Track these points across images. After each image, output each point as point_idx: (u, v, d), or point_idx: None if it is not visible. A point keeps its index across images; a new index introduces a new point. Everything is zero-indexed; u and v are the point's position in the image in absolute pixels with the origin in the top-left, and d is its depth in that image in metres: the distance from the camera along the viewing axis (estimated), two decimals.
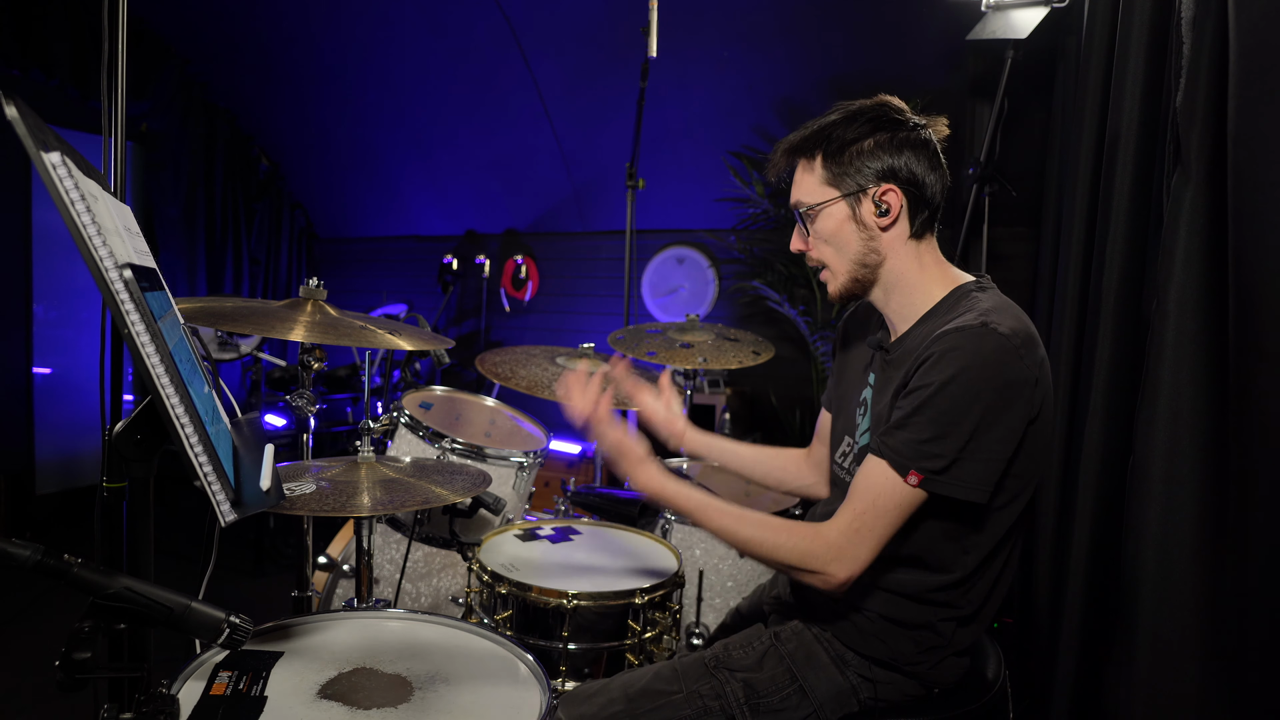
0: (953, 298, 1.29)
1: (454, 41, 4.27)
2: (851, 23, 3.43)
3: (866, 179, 1.26)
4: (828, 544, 1.19)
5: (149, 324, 0.74)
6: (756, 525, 1.26)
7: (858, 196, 1.27)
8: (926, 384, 1.17)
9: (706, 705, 1.28)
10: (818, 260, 1.35)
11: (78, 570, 0.74)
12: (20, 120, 0.67)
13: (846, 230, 1.29)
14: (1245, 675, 1.27)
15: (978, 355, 1.14)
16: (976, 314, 1.20)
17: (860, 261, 1.30)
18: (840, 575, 1.18)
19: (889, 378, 1.31)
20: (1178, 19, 1.39)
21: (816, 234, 1.32)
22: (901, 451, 1.16)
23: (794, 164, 1.34)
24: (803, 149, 1.31)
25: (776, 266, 3.90)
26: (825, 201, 1.29)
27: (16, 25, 3.91)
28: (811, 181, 1.31)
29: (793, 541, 1.22)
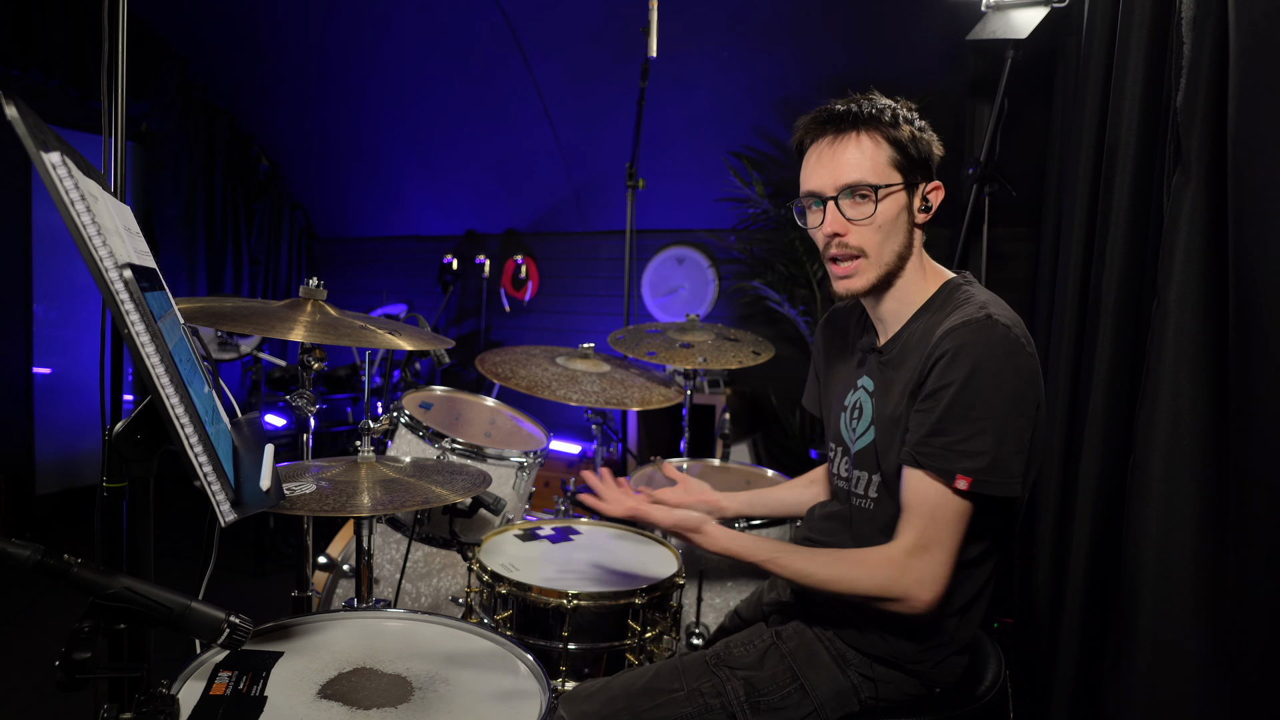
0: (943, 293, 1.30)
1: (454, 41, 4.27)
2: (851, 23, 3.43)
3: (925, 173, 1.26)
4: (902, 569, 1.17)
5: (149, 324, 0.74)
6: (829, 562, 1.23)
7: (916, 188, 1.26)
8: (947, 383, 1.16)
9: (707, 703, 1.28)
10: (858, 247, 1.26)
11: (78, 570, 0.74)
12: (20, 120, 0.67)
13: (901, 220, 1.26)
14: (1245, 675, 1.27)
15: (990, 347, 1.15)
16: (975, 306, 1.21)
17: (900, 254, 1.27)
18: (925, 597, 1.16)
19: (889, 379, 1.31)
20: (1178, 19, 1.39)
21: (873, 218, 1.23)
22: (942, 458, 1.15)
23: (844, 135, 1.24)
24: (876, 122, 1.23)
25: (776, 266, 3.90)
26: (890, 185, 1.23)
27: (16, 25, 3.91)
28: (879, 158, 1.23)
29: (869, 573, 1.19)
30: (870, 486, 1.34)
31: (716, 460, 2.57)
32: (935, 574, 1.16)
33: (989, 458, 1.14)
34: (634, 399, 2.21)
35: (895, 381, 1.30)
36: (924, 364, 1.21)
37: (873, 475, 1.33)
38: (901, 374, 1.29)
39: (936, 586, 1.17)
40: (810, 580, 1.23)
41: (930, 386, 1.18)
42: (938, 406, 1.16)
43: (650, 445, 4.00)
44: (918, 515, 1.18)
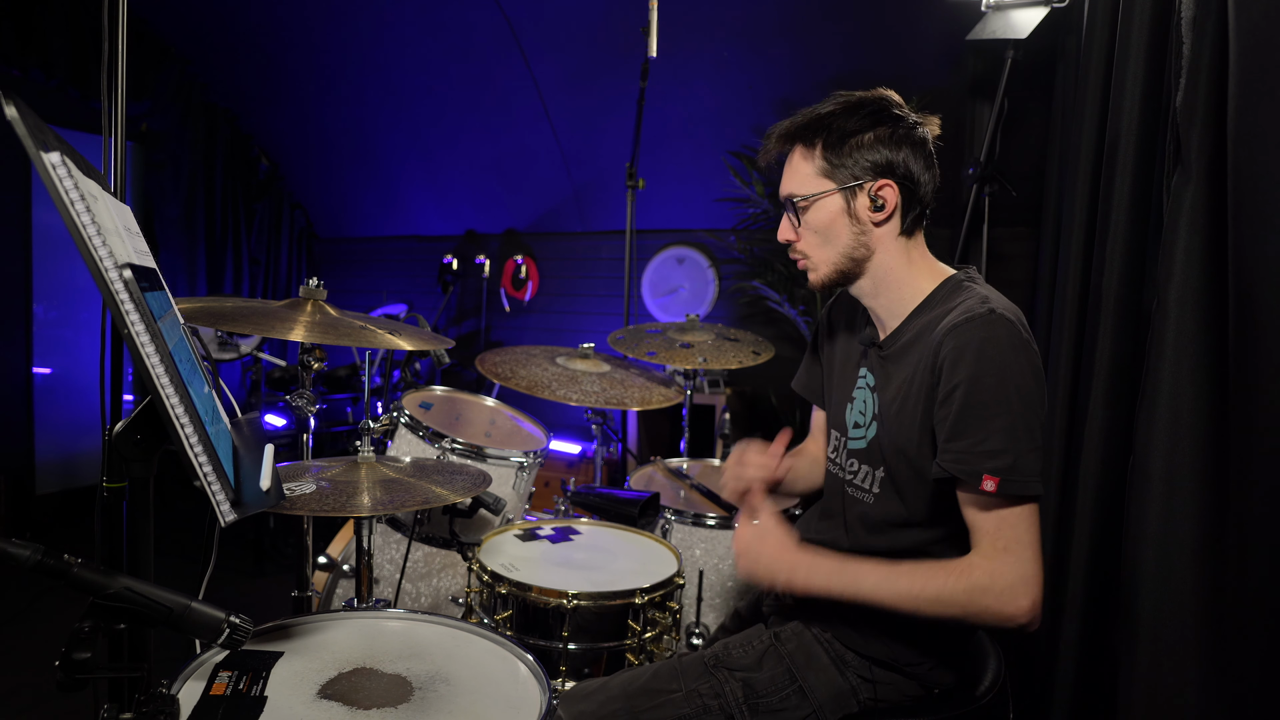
0: (945, 289, 1.29)
1: (454, 41, 4.27)
2: (851, 23, 3.43)
3: (864, 172, 1.24)
4: (991, 574, 1.12)
5: (149, 324, 0.74)
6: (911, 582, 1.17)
7: (854, 190, 1.25)
8: (955, 383, 1.15)
9: (705, 704, 1.27)
10: (801, 251, 1.33)
11: (78, 570, 0.74)
12: (20, 120, 0.67)
13: (839, 224, 1.27)
14: (1246, 675, 1.27)
15: (994, 343, 1.14)
16: (978, 300, 1.20)
17: (848, 255, 1.29)
18: (1023, 603, 1.11)
19: (889, 374, 1.30)
20: (1178, 19, 1.38)
21: (807, 225, 1.29)
22: (963, 461, 1.13)
23: (787, 151, 1.31)
24: (800, 136, 1.28)
25: (776, 266, 3.90)
26: (820, 193, 1.27)
27: (16, 25, 3.91)
28: (807, 171, 1.28)
29: (952, 583, 1.13)
30: (874, 482, 1.33)
31: (716, 460, 2.57)
32: (1025, 573, 1.12)
33: (1012, 455, 1.12)
34: (634, 399, 2.22)
35: (894, 376, 1.29)
36: (932, 363, 1.19)
37: (875, 470, 1.32)
38: (902, 369, 1.28)
39: (1029, 587, 1.11)
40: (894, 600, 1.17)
41: (942, 390, 1.17)
42: (952, 409, 1.15)
43: (650, 445, 4.00)
44: (982, 521, 1.15)
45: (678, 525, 2.08)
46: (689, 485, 2.37)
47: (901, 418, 1.25)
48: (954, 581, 1.14)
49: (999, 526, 1.14)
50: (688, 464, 2.51)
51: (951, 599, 1.13)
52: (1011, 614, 1.12)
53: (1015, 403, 1.13)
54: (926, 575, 1.16)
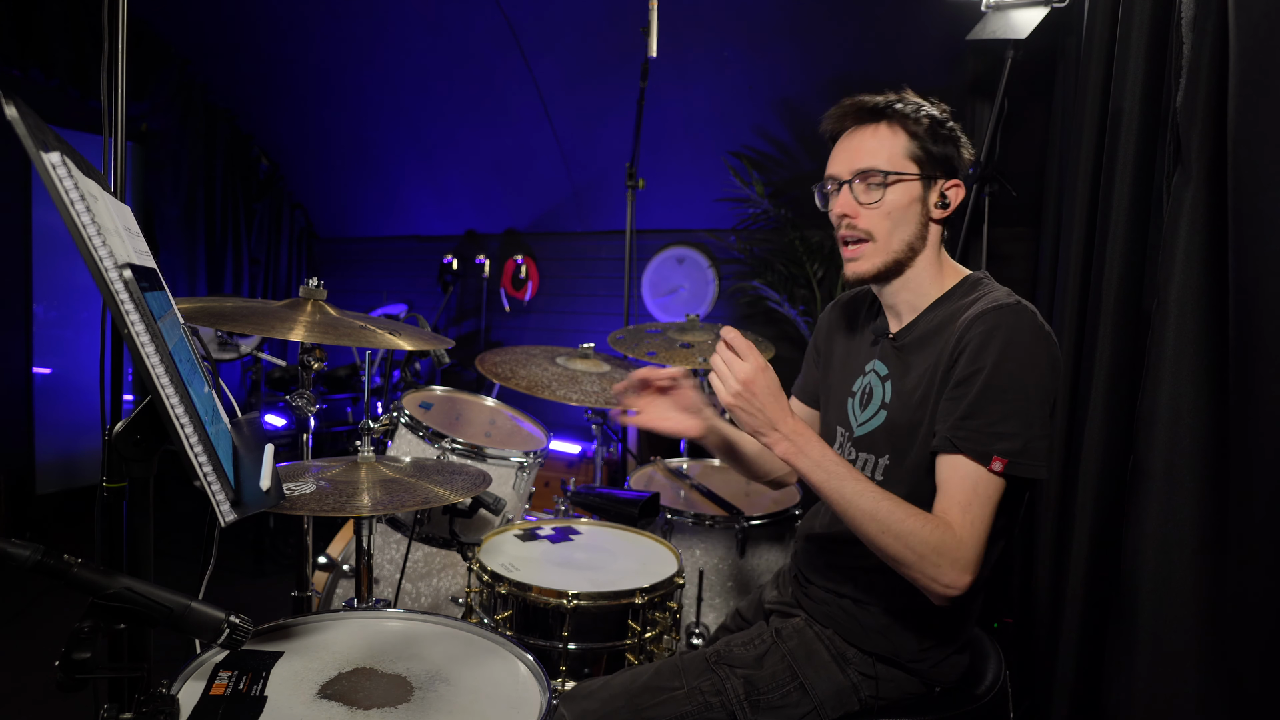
0: (965, 285, 1.32)
1: (453, 41, 4.27)
2: (851, 23, 3.43)
3: (946, 168, 1.29)
4: (958, 541, 1.12)
5: (149, 324, 0.74)
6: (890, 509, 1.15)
7: (933, 181, 1.29)
8: (980, 366, 1.16)
9: (707, 701, 1.28)
10: (865, 230, 1.29)
11: (78, 570, 0.74)
12: (20, 120, 0.67)
13: (913, 211, 1.29)
14: (1245, 676, 1.26)
15: (1021, 331, 1.17)
16: (1004, 293, 1.24)
17: (909, 244, 1.31)
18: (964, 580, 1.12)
19: (906, 363, 1.32)
20: (1178, 19, 1.38)
21: (881, 204, 1.28)
22: (975, 439, 1.15)
23: (864, 125, 1.31)
24: (898, 115, 1.29)
25: (776, 266, 3.90)
26: (903, 174, 1.28)
27: (16, 25, 3.91)
28: (896, 148, 1.28)
29: (926, 531, 1.12)
30: (876, 470, 1.33)
31: (716, 460, 2.57)
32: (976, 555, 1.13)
33: (1022, 440, 1.14)
34: None
35: (914, 366, 1.31)
36: (953, 347, 1.21)
37: (879, 458, 1.33)
38: (922, 358, 1.29)
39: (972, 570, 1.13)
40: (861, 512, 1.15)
41: (962, 370, 1.19)
42: (971, 390, 1.17)
43: (650, 445, 4.00)
44: (959, 492, 1.15)
45: (678, 525, 2.08)
46: (689, 485, 2.37)
47: (925, 405, 1.26)
48: (928, 530, 1.13)
49: (973, 500, 1.15)
50: (688, 464, 2.51)
51: (918, 543, 1.12)
52: (949, 583, 1.12)
53: (1032, 391, 1.16)
54: (905, 511, 1.14)
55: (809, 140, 3.75)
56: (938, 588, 1.13)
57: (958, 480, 1.17)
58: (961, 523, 1.14)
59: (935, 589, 1.14)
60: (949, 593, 1.13)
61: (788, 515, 2.12)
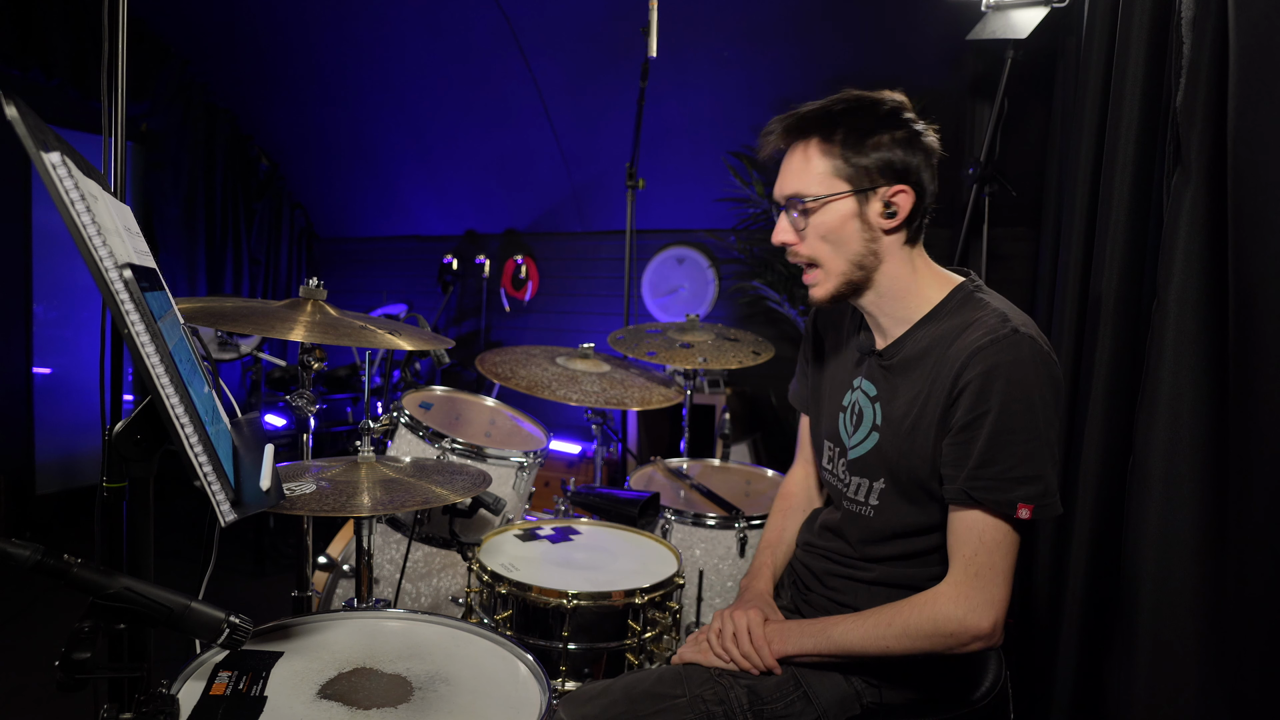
0: (954, 300, 1.26)
1: (453, 41, 4.27)
2: (851, 23, 3.43)
3: (881, 176, 1.19)
4: (952, 600, 1.15)
5: (149, 324, 0.74)
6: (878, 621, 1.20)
7: (868, 194, 1.20)
8: (985, 410, 1.13)
9: (710, 710, 1.26)
10: (809, 257, 1.26)
11: (78, 570, 0.74)
12: (20, 120, 0.67)
13: (849, 228, 1.21)
14: (1245, 675, 1.26)
15: (1022, 366, 1.12)
16: (998, 318, 1.17)
17: (858, 263, 1.24)
18: (985, 623, 1.14)
19: (894, 385, 1.28)
20: (1178, 19, 1.38)
21: (813, 228, 1.22)
22: (995, 489, 1.13)
23: (792, 145, 1.24)
24: (811, 130, 1.21)
25: (776, 266, 3.90)
26: (832, 194, 1.20)
27: (16, 25, 3.91)
28: (819, 169, 1.20)
29: (920, 613, 1.17)
30: (871, 494, 1.32)
31: (716, 460, 2.57)
32: (993, 597, 1.14)
33: (1043, 483, 1.12)
34: (634, 399, 2.21)
35: (901, 390, 1.27)
36: (951, 385, 1.17)
37: (875, 483, 1.31)
38: (910, 382, 1.26)
39: (994, 610, 1.14)
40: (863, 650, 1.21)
41: (965, 415, 1.15)
42: (979, 436, 1.13)
43: (650, 445, 4.00)
44: (966, 545, 1.16)
45: (678, 525, 2.08)
46: (689, 485, 2.37)
47: (915, 436, 1.23)
48: (918, 613, 1.17)
49: (976, 551, 1.15)
50: (688, 464, 2.51)
51: (917, 630, 1.16)
52: (974, 635, 1.15)
53: (1041, 425, 1.13)
54: (892, 610, 1.19)
55: None
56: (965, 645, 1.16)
57: (964, 532, 1.17)
58: (963, 578, 1.16)
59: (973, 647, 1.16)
60: (980, 644, 1.15)
61: None
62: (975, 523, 1.16)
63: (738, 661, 1.29)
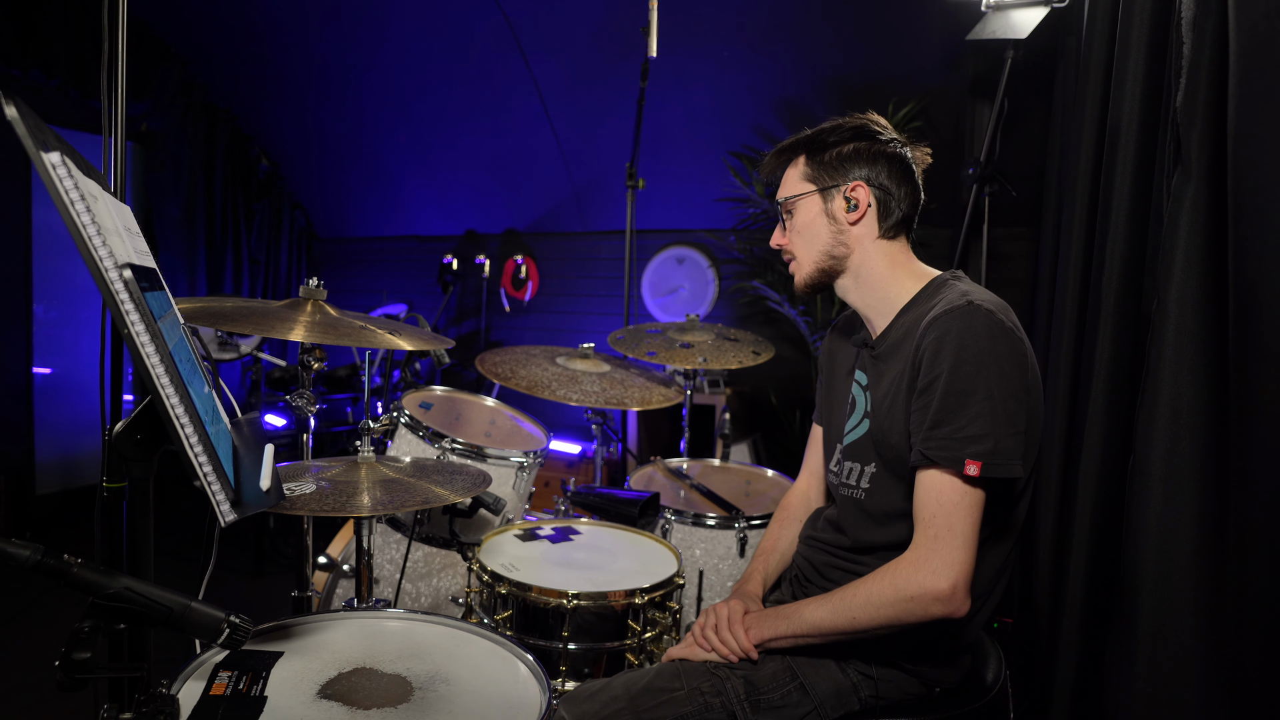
0: (930, 288, 1.34)
1: (454, 41, 4.27)
2: (851, 23, 3.43)
3: (840, 176, 1.36)
4: (912, 563, 1.18)
5: (149, 324, 0.74)
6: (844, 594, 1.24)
7: (830, 192, 1.37)
8: (936, 374, 1.19)
9: (708, 702, 1.28)
10: (789, 251, 1.44)
11: (78, 570, 0.74)
12: (20, 120, 0.67)
13: (819, 223, 1.38)
14: (1245, 675, 1.26)
15: (971, 332, 1.18)
16: (957, 293, 1.26)
17: (827, 253, 1.38)
18: (943, 584, 1.15)
19: (880, 371, 1.35)
20: (1178, 19, 1.38)
21: (793, 227, 1.41)
22: (946, 447, 1.17)
23: (783, 164, 1.45)
24: (792, 149, 1.43)
25: (776, 266, 3.90)
26: (802, 194, 1.39)
27: (16, 25, 3.91)
28: (794, 177, 1.41)
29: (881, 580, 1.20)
30: (862, 477, 1.36)
31: (716, 460, 2.57)
32: (951, 559, 1.15)
33: (992, 440, 1.15)
34: (634, 399, 2.22)
35: (884, 374, 1.34)
36: (913, 356, 1.24)
37: (865, 466, 1.35)
38: (890, 366, 1.32)
39: (953, 571, 1.15)
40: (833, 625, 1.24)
41: (922, 380, 1.22)
42: (933, 399, 1.19)
43: (650, 445, 4.00)
44: (924, 508, 1.19)
45: (678, 525, 2.08)
46: (689, 485, 2.37)
47: (893, 413, 1.29)
48: (880, 580, 1.21)
49: (937, 512, 1.18)
50: (688, 464, 2.51)
51: (880, 597, 1.19)
52: (933, 597, 1.15)
53: (994, 388, 1.16)
54: (858, 583, 1.23)
55: None
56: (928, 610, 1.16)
57: (924, 494, 1.20)
58: (922, 540, 1.18)
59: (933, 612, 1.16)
60: (941, 607, 1.16)
61: None
62: (933, 484, 1.19)
63: (717, 649, 1.33)
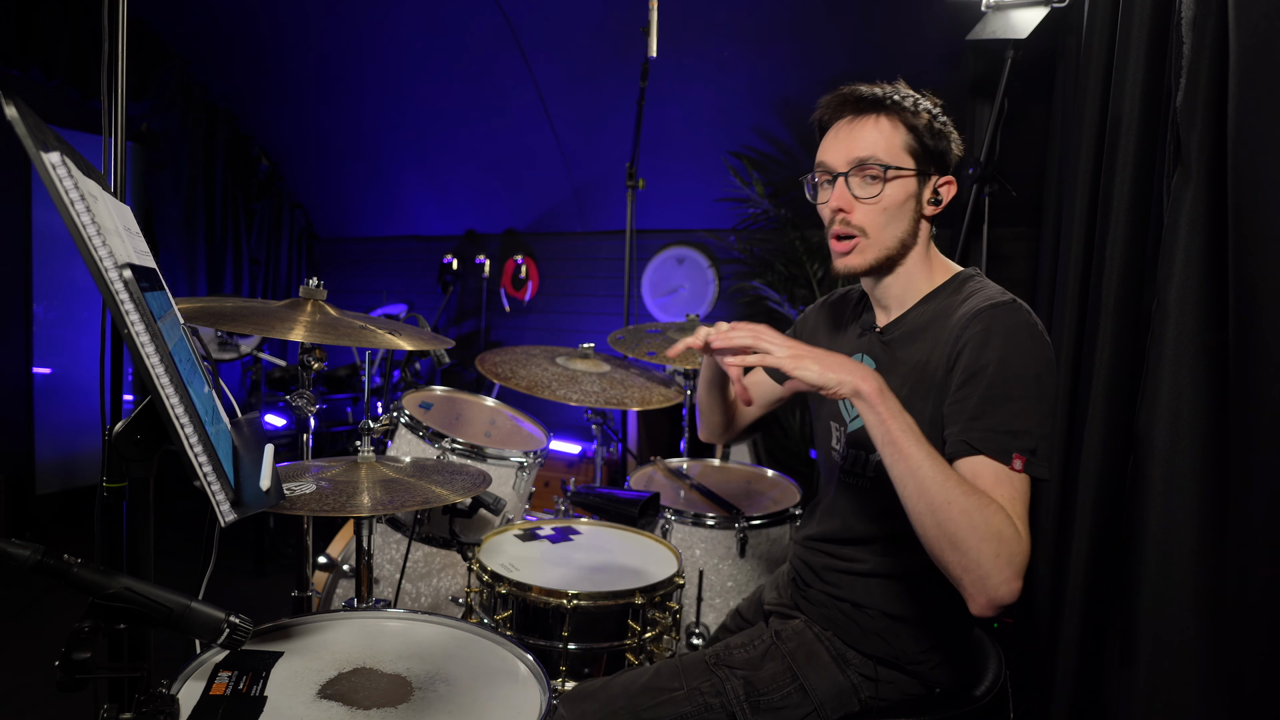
0: (955, 282, 1.32)
1: (453, 41, 4.27)
2: (851, 22, 3.43)
3: (942, 164, 1.30)
4: (1017, 536, 1.03)
5: (149, 324, 0.74)
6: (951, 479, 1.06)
7: (928, 177, 1.29)
8: (982, 364, 1.14)
9: (707, 702, 1.28)
10: (859, 226, 1.27)
11: (78, 570, 0.74)
12: (20, 120, 0.67)
13: (908, 207, 1.28)
14: (1245, 675, 1.26)
15: (1018, 330, 1.16)
16: (997, 289, 1.24)
17: (903, 240, 1.29)
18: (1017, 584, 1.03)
19: (893, 357, 1.32)
20: (1178, 19, 1.38)
21: (877, 199, 1.25)
22: (995, 439, 1.10)
23: (865, 115, 1.27)
24: (897, 108, 1.27)
25: (776, 266, 3.90)
26: (901, 169, 1.26)
27: (16, 25, 3.91)
28: (895, 141, 1.26)
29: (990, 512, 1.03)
30: (869, 466, 1.33)
31: (716, 460, 2.57)
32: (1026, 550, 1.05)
33: (1035, 439, 1.11)
34: (634, 399, 2.22)
35: (900, 361, 1.30)
36: (951, 348, 1.20)
37: (871, 455, 1.32)
38: (909, 353, 1.29)
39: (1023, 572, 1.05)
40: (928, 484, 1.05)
41: (965, 371, 1.16)
42: (977, 389, 1.14)
43: (650, 445, 4.00)
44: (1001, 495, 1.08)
45: (678, 525, 2.08)
46: (689, 485, 2.37)
47: (913, 402, 1.21)
48: (992, 514, 1.04)
49: (1013, 499, 1.08)
50: (688, 464, 2.51)
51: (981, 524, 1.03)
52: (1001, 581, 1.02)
53: (1037, 389, 1.14)
54: (971, 489, 1.06)
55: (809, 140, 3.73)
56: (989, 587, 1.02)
57: (992, 481, 1.09)
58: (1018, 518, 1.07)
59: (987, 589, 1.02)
60: (998, 594, 1.02)
61: (787, 515, 2.12)
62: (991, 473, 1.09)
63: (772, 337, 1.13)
